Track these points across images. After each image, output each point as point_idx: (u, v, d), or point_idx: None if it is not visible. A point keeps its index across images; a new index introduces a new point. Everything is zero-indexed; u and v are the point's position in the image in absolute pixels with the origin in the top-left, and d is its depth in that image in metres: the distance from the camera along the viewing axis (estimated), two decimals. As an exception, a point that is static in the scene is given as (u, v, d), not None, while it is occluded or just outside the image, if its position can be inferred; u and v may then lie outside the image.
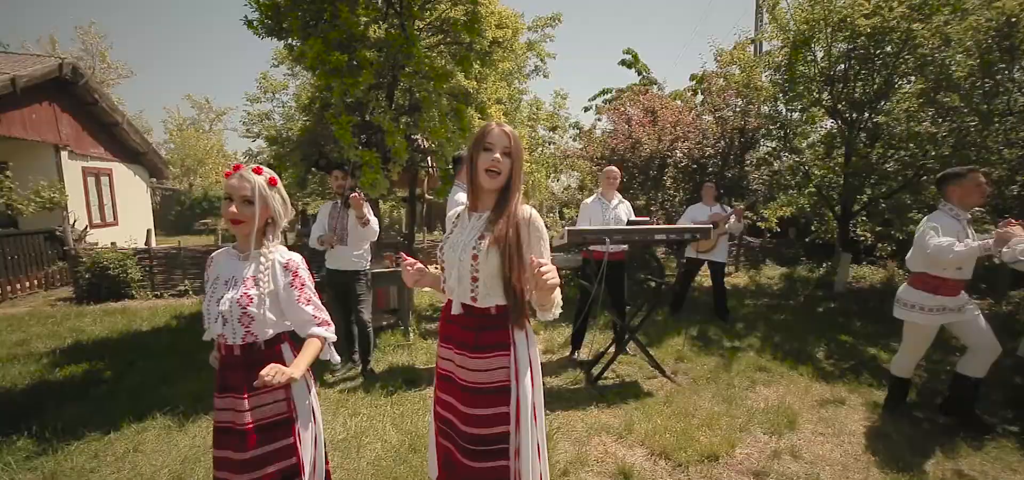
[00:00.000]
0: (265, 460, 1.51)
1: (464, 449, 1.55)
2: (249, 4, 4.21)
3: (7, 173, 7.01)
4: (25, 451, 2.60)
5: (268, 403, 1.53)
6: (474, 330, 1.55)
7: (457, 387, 1.57)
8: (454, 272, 1.55)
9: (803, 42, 6.86)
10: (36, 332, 5.00)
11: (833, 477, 2.47)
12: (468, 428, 1.54)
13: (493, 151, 1.49)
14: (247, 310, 1.49)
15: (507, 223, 1.50)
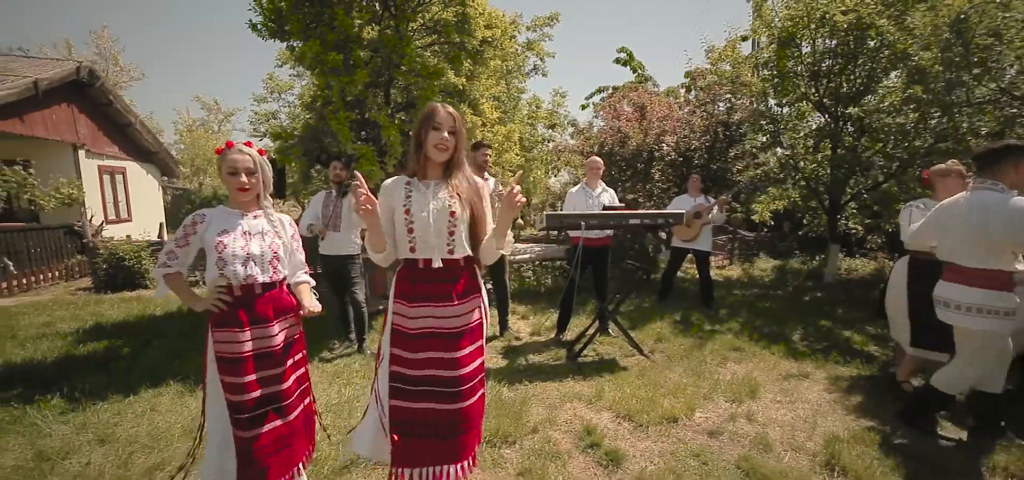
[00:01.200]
0: (290, 377, 1.92)
1: (456, 394, 1.75)
2: (253, 8, 4.52)
3: (30, 171, 7.40)
4: (58, 408, 2.93)
5: (290, 326, 1.95)
6: (451, 281, 1.77)
7: (440, 339, 1.75)
8: (429, 231, 1.73)
9: (787, 38, 7.06)
10: (60, 316, 5.36)
11: (781, 436, 2.70)
12: (458, 371, 1.75)
13: (441, 130, 1.73)
14: (277, 254, 1.86)
15: (470, 186, 1.79)
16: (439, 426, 1.76)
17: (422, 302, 1.77)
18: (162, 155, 12.55)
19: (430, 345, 1.76)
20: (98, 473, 2.25)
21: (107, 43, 19.52)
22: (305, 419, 2.00)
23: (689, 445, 2.58)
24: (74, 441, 2.57)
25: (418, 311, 1.76)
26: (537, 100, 15.11)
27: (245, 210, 1.91)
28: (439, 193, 1.77)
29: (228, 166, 1.84)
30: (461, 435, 1.77)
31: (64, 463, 2.36)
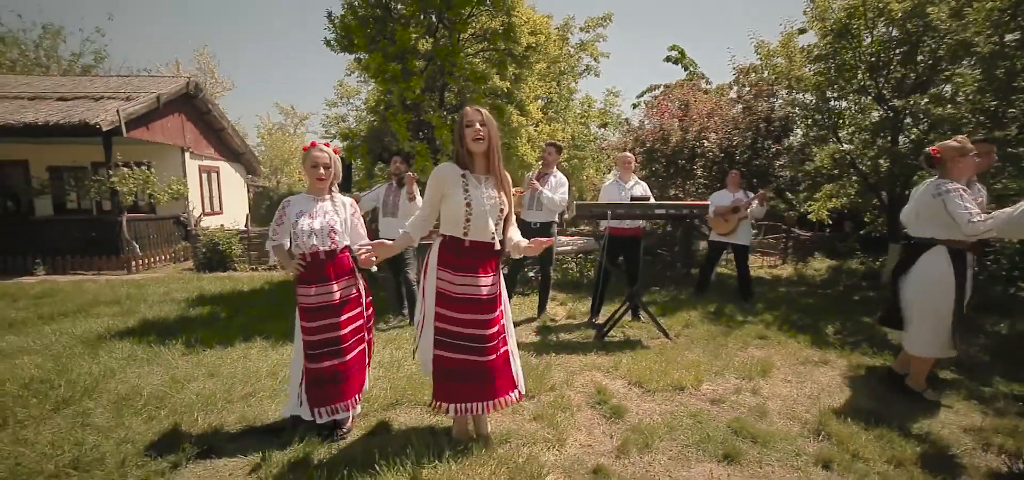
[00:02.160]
0: (348, 327, 2.47)
1: (484, 349, 2.21)
2: (328, 28, 5.27)
3: (147, 170, 8.80)
4: (180, 351, 3.74)
5: (347, 286, 2.48)
6: (489, 258, 2.26)
7: (477, 303, 2.20)
8: (484, 219, 2.17)
9: (842, 29, 6.90)
10: (174, 288, 6.46)
11: (779, 407, 2.92)
12: (488, 331, 2.22)
13: (473, 125, 2.18)
14: (334, 228, 2.39)
15: (506, 189, 2.26)
16: (473, 374, 2.23)
17: (465, 272, 2.22)
18: (247, 156, 14.13)
19: (470, 309, 2.21)
20: (210, 395, 2.94)
21: (206, 60, 22.11)
22: (359, 363, 2.54)
23: (689, 408, 2.87)
24: (192, 373, 3.31)
25: (461, 279, 2.21)
26: (590, 99, 15.34)
27: (319, 196, 2.48)
28: (490, 190, 2.22)
29: (311, 161, 2.42)
30: (491, 382, 2.25)
31: (188, 387, 3.08)
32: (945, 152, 2.78)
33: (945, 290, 2.77)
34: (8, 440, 2.39)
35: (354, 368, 2.50)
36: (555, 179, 4.73)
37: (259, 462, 2.22)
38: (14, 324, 4.69)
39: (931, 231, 2.84)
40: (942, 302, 2.79)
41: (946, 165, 2.79)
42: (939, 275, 2.79)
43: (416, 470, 2.09)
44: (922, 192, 2.88)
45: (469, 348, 2.22)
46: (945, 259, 2.78)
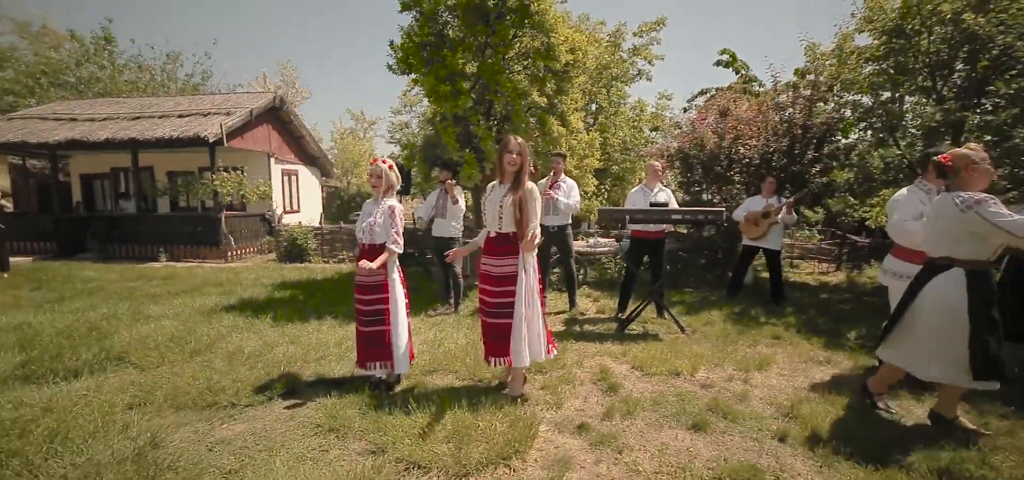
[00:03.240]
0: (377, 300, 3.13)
1: (487, 312, 2.97)
2: (391, 55, 6.12)
3: (242, 174, 10.27)
4: (268, 323, 4.71)
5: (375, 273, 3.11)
6: (500, 244, 2.96)
7: (488, 275, 3.00)
8: (492, 213, 2.97)
9: (896, 30, 6.79)
10: (261, 275, 7.68)
11: (763, 395, 3.26)
12: (491, 299, 2.95)
13: (512, 153, 2.87)
14: (373, 228, 3.08)
15: (519, 193, 2.89)
16: (487, 332, 2.99)
17: (487, 257, 3.04)
18: (322, 160, 15.71)
19: (487, 280, 2.99)
20: (292, 356, 3.78)
21: (289, 72, 24.57)
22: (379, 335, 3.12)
23: (678, 389, 3.30)
24: (278, 340, 4.20)
25: (486, 260, 3.05)
26: (643, 104, 15.48)
27: (376, 199, 3.19)
28: (498, 192, 2.98)
29: (368, 172, 3.14)
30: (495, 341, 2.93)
31: (276, 349, 3.96)
32: (958, 161, 2.57)
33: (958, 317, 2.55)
34: (168, 373, 3.36)
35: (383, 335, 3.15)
36: (565, 184, 5.25)
37: (331, 401, 2.97)
38: (154, 298, 5.99)
39: (947, 249, 2.60)
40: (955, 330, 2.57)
41: (961, 175, 2.57)
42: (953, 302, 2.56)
43: (439, 411, 2.74)
44: (939, 206, 2.63)
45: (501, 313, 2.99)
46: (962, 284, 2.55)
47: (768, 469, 2.36)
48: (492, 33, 5.85)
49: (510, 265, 2.95)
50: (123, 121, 10.87)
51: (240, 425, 2.74)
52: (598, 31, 13.89)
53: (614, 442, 2.58)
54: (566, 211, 5.26)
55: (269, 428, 2.69)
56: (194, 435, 2.60)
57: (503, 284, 2.95)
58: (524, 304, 2.94)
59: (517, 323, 2.93)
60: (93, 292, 6.51)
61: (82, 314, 5.12)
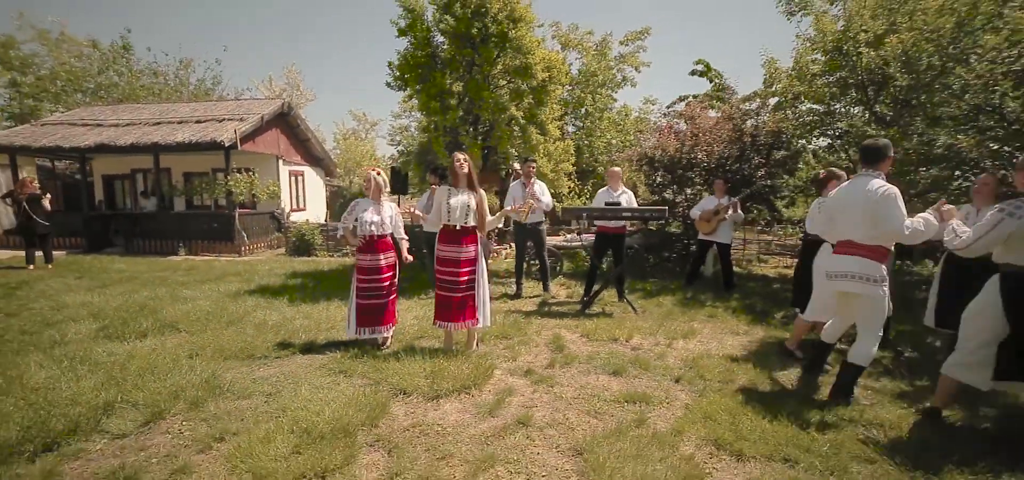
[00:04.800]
0: (385, 281, 4.03)
1: (459, 287, 3.84)
2: (389, 74, 7.04)
3: (253, 175, 11.21)
4: (285, 304, 5.64)
5: (385, 257, 4.03)
6: (465, 235, 3.85)
7: (457, 260, 3.85)
8: (459, 211, 3.82)
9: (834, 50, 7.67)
10: (274, 267, 8.62)
11: (677, 355, 4.14)
12: (462, 278, 3.83)
13: (459, 160, 3.78)
14: (382, 222, 3.99)
15: (478, 195, 3.78)
16: (454, 304, 3.82)
17: (450, 245, 3.86)
18: (326, 161, 16.65)
19: (451, 264, 3.84)
20: (307, 327, 4.71)
21: (293, 75, 25.57)
22: (387, 306, 4.12)
23: (612, 350, 4.21)
24: (295, 316, 5.13)
25: (449, 249, 3.85)
26: (627, 109, 16.39)
27: (375, 200, 4.10)
28: (462, 196, 3.83)
29: (365, 178, 4.07)
30: (464, 309, 3.80)
31: (293, 322, 4.89)
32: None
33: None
34: (211, 337, 4.31)
35: (382, 308, 4.09)
36: (538, 186, 6.15)
37: (338, 355, 3.89)
38: (184, 284, 6.93)
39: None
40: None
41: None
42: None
43: (422, 362, 3.66)
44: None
45: (453, 287, 3.83)
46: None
47: (656, 397, 3.27)
48: (477, 54, 6.76)
49: (473, 251, 3.87)
50: (145, 127, 11.82)
51: (272, 369, 3.67)
52: (586, 40, 14.79)
53: (550, 381, 3.50)
54: (542, 209, 6.16)
55: (294, 371, 3.62)
56: (239, 374, 3.53)
57: (468, 265, 3.85)
58: (483, 278, 3.88)
59: (482, 294, 3.86)
60: (129, 280, 7.45)
61: (129, 296, 6.06)
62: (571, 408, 3.09)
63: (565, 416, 2.98)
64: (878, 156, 3.09)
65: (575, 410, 3.07)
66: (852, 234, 3.12)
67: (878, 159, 3.08)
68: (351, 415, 2.81)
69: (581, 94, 14.00)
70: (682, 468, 2.39)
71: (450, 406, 3.09)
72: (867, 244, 3.04)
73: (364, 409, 2.90)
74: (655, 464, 2.40)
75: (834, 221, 3.29)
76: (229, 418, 2.83)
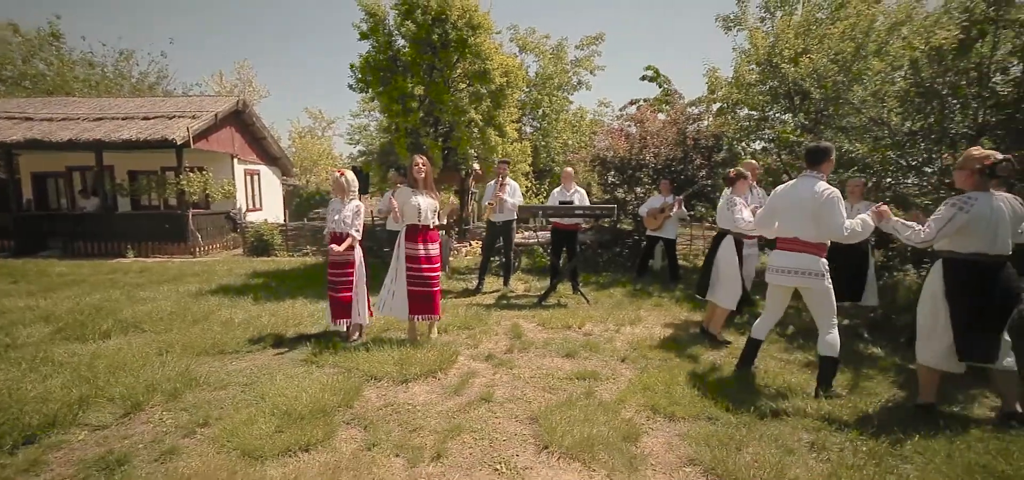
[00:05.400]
0: (346, 273, 4.25)
1: (424, 281, 4.12)
2: (352, 76, 7.18)
3: (207, 174, 10.93)
4: (250, 302, 5.71)
5: (345, 253, 4.24)
6: (430, 233, 4.12)
7: (421, 257, 4.13)
8: (421, 211, 4.09)
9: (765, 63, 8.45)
10: (234, 267, 8.53)
11: (625, 339, 4.60)
12: (427, 273, 4.11)
13: (418, 164, 4.06)
14: (344, 220, 4.21)
15: (436, 195, 4.08)
16: (423, 297, 4.09)
17: (414, 243, 4.13)
18: (283, 160, 16.33)
19: (417, 260, 4.10)
20: (275, 323, 4.84)
21: (246, 70, 24.69)
22: (348, 300, 4.29)
23: (565, 336, 4.62)
24: (261, 313, 5.24)
25: (413, 247, 4.11)
26: (583, 111, 17.00)
27: (341, 200, 4.32)
28: (427, 198, 4.10)
29: (332, 181, 4.28)
30: (430, 302, 4.09)
31: (260, 319, 5.01)
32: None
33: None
34: (178, 335, 4.38)
35: (342, 303, 4.31)
36: (509, 186, 6.52)
37: (309, 348, 4.09)
38: (139, 286, 6.79)
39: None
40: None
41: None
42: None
43: (390, 351, 3.93)
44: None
45: (421, 282, 4.11)
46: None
47: (603, 374, 3.69)
48: (437, 59, 7.02)
49: (437, 247, 4.18)
50: (85, 122, 11.25)
51: (244, 363, 3.83)
52: (542, 44, 15.25)
53: (509, 364, 3.86)
54: (512, 209, 6.51)
55: (266, 363, 3.80)
56: (213, 368, 3.68)
57: (433, 261, 4.15)
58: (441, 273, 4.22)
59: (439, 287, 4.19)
60: (74, 284, 7.21)
61: (80, 299, 5.93)
62: (528, 386, 3.47)
63: (523, 392, 3.35)
64: (820, 157, 3.30)
65: (532, 387, 3.44)
66: (798, 232, 3.31)
67: (821, 160, 3.29)
68: (327, 398, 3.06)
69: (538, 96, 14.45)
70: (622, 428, 2.81)
71: (418, 388, 3.39)
72: (812, 241, 3.26)
73: (339, 393, 3.15)
74: (599, 426, 2.80)
75: (778, 218, 3.47)
76: (209, 406, 3.01)
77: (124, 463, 2.42)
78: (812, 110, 6.95)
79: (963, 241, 2.90)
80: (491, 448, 2.63)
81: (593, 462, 2.49)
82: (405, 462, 2.47)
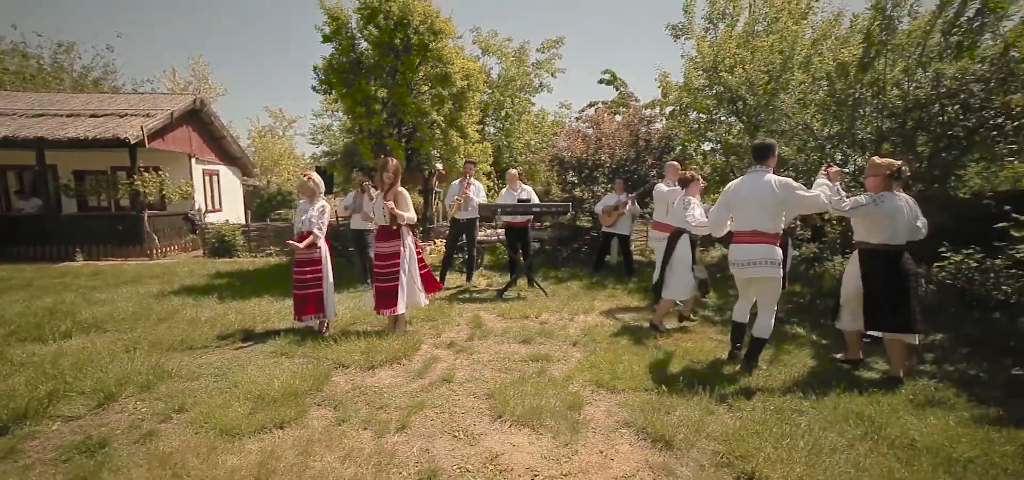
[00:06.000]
0: (316, 270, 4.45)
1: (382, 277, 4.37)
2: (315, 78, 7.29)
3: (164, 174, 10.68)
4: (215, 301, 5.78)
5: (309, 251, 4.44)
6: (387, 230, 4.36)
7: (395, 254, 4.38)
8: (380, 212, 4.35)
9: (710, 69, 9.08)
10: (196, 269, 8.44)
11: (578, 327, 4.99)
12: (385, 270, 4.36)
13: (387, 171, 4.30)
14: (310, 219, 4.41)
15: (401, 195, 4.34)
16: (388, 293, 4.34)
17: (380, 241, 4.35)
18: (243, 160, 15.99)
19: (388, 258, 4.34)
20: (242, 320, 4.97)
21: (200, 66, 23.82)
22: (315, 296, 4.51)
23: (523, 325, 4.97)
24: (227, 312, 5.33)
25: (384, 244, 4.37)
26: (545, 112, 17.49)
27: (309, 201, 4.51)
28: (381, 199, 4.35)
29: (298, 184, 4.46)
30: (394, 296, 4.34)
31: (227, 317, 5.11)
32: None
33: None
34: (144, 333, 4.44)
35: (310, 298, 4.51)
36: (474, 187, 6.82)
37: (278, 341, 4.26)
38: (94, 288, 6.68)
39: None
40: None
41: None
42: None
43: (357, 341, 4.16)
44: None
45: (387, 278, 4.35)
46: None
47: (555, 356, 4.06)
48: (400, 62, 7.24)
49: (394, 246, 4.42)
50: (24, 118, 10.75)
51: (214, 356, 3.98)
52: (505, 46, 15.62)
53: (469, 350, 4.17)
54: (475, 208, 6.80)
55: (236, 356, 3.96)
56: (183, 361, 3.82)
57: (391, 258, 4.40)
58: (405, 269, 4.42)
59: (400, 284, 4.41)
60: (19, 288, 6.99)
61: (30, 302, 5.82)
62: (486, 368, 3.79)
63: (481, 374, 3.67)
64: (766, 153, 3.60)
65: (490, 369, 3.77)
66: (756, 224, 3.55)
67: (766, 155, 3.59)
68: (298, 383, 3.28)
69: (501, 97, 14.80)
70: (568, 399, 3.18)
71: (384, 373, 3.66)
72: (770, 232, 3.52)
73: (309, 379, 3.38)
74: (548, 398, 3.16)
75: (733, 213, 3.75)
76: (183, 395, 3.18)
77: (104, 446, 2.58)
78: (750, 115, 7.60)
79: (874, 233, 3.49)
80: (451, 420, 2.94)
81: (541, 427, 2.84)
82: (373, 434, 2.75)
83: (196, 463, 2.36)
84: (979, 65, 4.31)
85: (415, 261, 4.50)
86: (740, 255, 3.65)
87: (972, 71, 4.24)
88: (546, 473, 2.41)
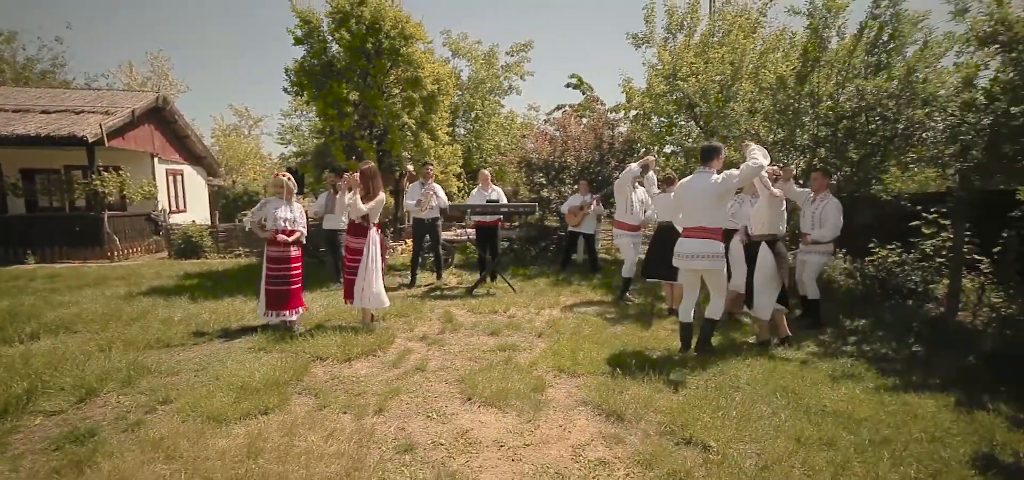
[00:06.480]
0: (292, 268, 4.62)
1: (350, 271, 4.61)
2: (287, 80, 7.36)
3: (125, 174, 10.42)
4: (186, 301, 5.80)
5: (290, 246, 4.62)
6: (356, 226, 4.58)
7: (351, 249, 4.62)
8: (350, 208, 4.57)
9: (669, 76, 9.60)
10: (162, 270, 8.33)
11: (544, 319, 5.31)
12: (353, 264, 4.59)
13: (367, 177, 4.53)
14: (288, 217, 4.57)
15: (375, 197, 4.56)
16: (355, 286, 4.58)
17: (356, 238, 4.58)
18: (208, 159, 15.65)
19: (356, 253, 4.56)
20: (217, 318, 5.06)
21: (160, 63, 23.02)
22: (292, 292, 4.71)
23: (491, 319, 5.26)
24: (201, 311, 5.40)
25: (353, 239, 4.59)
26: (514, 114, 17.84)
27: (284, 199, 4.66)
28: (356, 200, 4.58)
29: (275, 185, 4.62)
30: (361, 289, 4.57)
31: (201, 316, 5.18)
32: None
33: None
34: (117, 333, 4.49)
35: (288, 293, 4.68)
36: (434, 187, 7.04)
37: (255, 338, 4.40)
38: (54, 291, 6.56)
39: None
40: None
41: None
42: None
43: (333, 336, 4.35)
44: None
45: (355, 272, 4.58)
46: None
47: (521, 346, 4.37)
48: (371, 66, 7.41)
49: (362, 242, 4.66)
50: (-31, 116, 10.28)
51: (192, 353, 4.09)
52: (475, 49, 15.86)
53: (441, 343, 4.43)
54: (436, 208, 7.02)
55: (215, 352, 4.09)
56: (161, 359, 3.92)
57: (359, 254, 4.64)
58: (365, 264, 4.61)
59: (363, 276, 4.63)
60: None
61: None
62: (457, 358, 4.06)
63: (452, 363, 3.94)
64: (711, 155, 3.94)
65: (460, 359, 4.04)
66: (700, 220, 3.87)
67: (712, 157, 3.92)
68: (279, 375, 3.47)
69: (470, 99, 15.03)
70: (532, 383, 3.49)
71: (361, 364, 3.88)
72: (713, 227, 3.84)
73: (289, 371, 3.57)
74: (514, 382, 3.46)
75: (681, 210, 4.21)
76: (166, 389, 3.32)
77: (94, 434, 2.72)
78: (706, 121, 8.14)
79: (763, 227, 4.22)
80: (424, 403, 3.20)
81: (507, 407, 3.13)
82: (352, 416, 2.98)
83: (187, 446, 2.54)
84: (893, 83, 4.90)
85: (378, 259, 4.70)
86: (686, 248, 3.98)
87: (886, 88, 4.84)
88: (511, 443, 2.71)
